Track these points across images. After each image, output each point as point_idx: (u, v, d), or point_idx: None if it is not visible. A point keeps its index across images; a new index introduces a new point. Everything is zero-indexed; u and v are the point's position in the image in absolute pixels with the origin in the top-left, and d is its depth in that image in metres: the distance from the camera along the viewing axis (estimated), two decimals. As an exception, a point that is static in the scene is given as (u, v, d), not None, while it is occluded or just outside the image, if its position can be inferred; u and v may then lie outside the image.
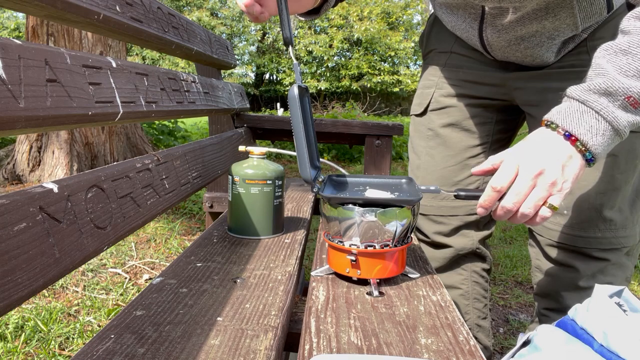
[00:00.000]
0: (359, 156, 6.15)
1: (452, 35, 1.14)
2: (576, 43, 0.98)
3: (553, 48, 0.98)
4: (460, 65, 1.14)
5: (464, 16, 1.03)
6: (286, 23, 0.85)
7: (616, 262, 0.99)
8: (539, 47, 0.98)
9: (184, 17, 1.22)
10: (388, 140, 1.83)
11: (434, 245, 1.23)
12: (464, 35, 1.08)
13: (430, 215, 1.20)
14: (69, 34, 3.71)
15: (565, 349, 0.53)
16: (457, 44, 1.14)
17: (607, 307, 0.53)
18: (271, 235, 1.02)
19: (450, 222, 1.19)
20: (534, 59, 1.01)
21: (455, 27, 1.09)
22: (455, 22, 1.07)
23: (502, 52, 1.03)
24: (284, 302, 0.70)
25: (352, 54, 17.51)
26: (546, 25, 0.93)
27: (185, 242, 2.68)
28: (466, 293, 1.24)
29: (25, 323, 1.67)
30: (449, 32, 1.15)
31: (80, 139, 3.86)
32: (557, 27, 0.93)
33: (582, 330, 0.54)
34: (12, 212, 0.49)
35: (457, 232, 1.20)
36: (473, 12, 1.00)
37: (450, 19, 1.08)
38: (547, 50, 0.99)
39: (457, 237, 1.20)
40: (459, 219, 1.18)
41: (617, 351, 0.49)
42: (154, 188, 0.85)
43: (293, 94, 0.76)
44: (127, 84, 0.79)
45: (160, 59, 15.35)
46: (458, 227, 1.19)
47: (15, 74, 0.51)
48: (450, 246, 1.21)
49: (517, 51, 1.01)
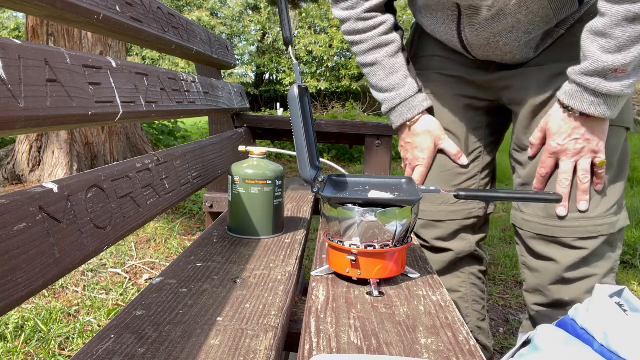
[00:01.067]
0: (359, 156, 6.15)
1: (433, 39, 1.17)
2: (554, 39, 1.02)
3: (531, 43, 1.01)
4: (443, 68, 1.17)
5: (443, 18, 1.05)
6: (286, 23, 0.85)
7: (596, 252, 1.00)
8: (517, 43, 1.01)
9: (184, 17, 1.22)
10: (388, 140, 1.83)
11: (434, 249, 1.24)
12: (444, 38, 1.10)
13: (430, 220, 1.21)
14: (69, 34, 3.71)
15: (566, 349, 0.53)
16: (439, 47, 1.17)
17: (608, 307, 0.53)
18: (271, 235, 1.02)
19: (449, 226, 1.20)
20: (514, 55, 1.04)
21: (435, 30, 1.11)
22: (434, 25, 1.09)
23: (482, 50, 1.05)
24: (284, 302, 0.70)
25: (352, 54, 17.49)
26: (521, 19, 0.96)
27: (185, 242, 2.68)
28: (465, 295, 1.25)
29: (25, 323, 1.67)
30: (431, 37, 1.17)
31: (80, 139, 3.86)
32: (532, 21, 0.96)
33: (582, 330, 0.54)
34: (12, 212, 0.49)
35: (455, 235, 1.21)
36: (450, 13, 1.03)
37: (430, 22, 1.10)
38: (525, 46, 1.02)
39: (456, 240, 1.21)
40: (457, 222, 1.19)
41: (617, 351, 0.49)
42: (154, 188, 0.85)
43: (293, 94, 0.76)
44: (127, 84, 0.79)
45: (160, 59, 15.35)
46: (457, 231, 1.20)
47: (15, 74, 0.51)
48: (449, 250, 1.22)
49: (496, 49, 1.03)
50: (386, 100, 1.14)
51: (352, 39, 1.14)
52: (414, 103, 1.12)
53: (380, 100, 1.16)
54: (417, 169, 1.18)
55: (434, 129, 1.14)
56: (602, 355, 0.50)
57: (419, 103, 1.12)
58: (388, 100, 1.14)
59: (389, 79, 1.12)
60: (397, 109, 1.14)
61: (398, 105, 1.13)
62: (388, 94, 1.13)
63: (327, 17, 17.27)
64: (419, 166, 1.17)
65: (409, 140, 1.18)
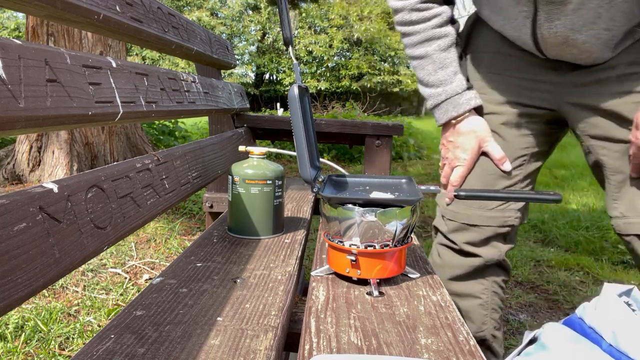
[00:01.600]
0: (359, 156, 6.15)
1: (497, 35, 1.09)
2: (634, 39, 0.96)
3: (610, 42, 0.95)
4: (505, 68, 1.10)
5: (515, 14, 0.98)
6: (286, 23, 0.85)
7: None
8: (596, 40, 0.94)
9: (184, 17, 1.22)
10: (388, 140, 1.83)
11: (462, 253, 1.18)
12: (514, 35, 1.03)
13: (463, 224, 1.15)
14: (69, 34, 3.71)
15: (573, 347, 0.53)
16: (502, 45, 1.09)
17: (616, 306, 0.52)
18: (271, 235, 1.02)
19: (483, 231, 1.14)
20: (591, 54, 0.97)
21: (505, 27, 1.04)
22: (503, 21, 1.03)
23: (558, 49, 0.99)
24: (284, 302, 0.70)
25: (352, 54, 17.52)
26: (602, 13, 0.90)
27: (185, 242, 2.67)
28: (485, 303, 1.21)
29: (25, 323, 1.67)
30: (494, 33, 1.10)
31: (80, 139, 3.86)
32: (613, 17, 0.91)
33: (590, 329, 0.53)
34: (12, 212, 0.49)
35: (487, 242, 1.16)
36: (525, 9, 0.96)
37: (498, 18, 1.04)
38: (605, 44, 0.95)
39: (487, 247, 1.16)
40: (491, 229, 1.14)
41: (626, 351, 0.48)
42: (154, 188, 0.85)
43: (293, 94, 0.76)
44: (127, 84, 0.79)
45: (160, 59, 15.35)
46: (489, 238, 1.15)
47: (15, 74, 0.51)
48: (479, 256, 1.17)
49: (573, 47, 0.97)
50: (432, 96, 1.10)
51: (404, 29, 1.09)
52: (461, 100, 1.07)
53: (426, 96, 1.12)
54: (457, 169, 1.13)
55: (480, 129, 1.09)
56: (610, 355, 0.49)
57: (466, 101, 1.07)
58: (433, 96, 1.09)
59: (437, 73, 1.07)
60: (442, 105, 1.09)
61: (443, 101, 1.08)
62: (434, 90, 1.09)
63: (327, 17, 17.27)
64: (459, 167, 1.12)
65: (451, 139, 1.12)
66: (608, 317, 0.51)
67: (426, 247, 2.86)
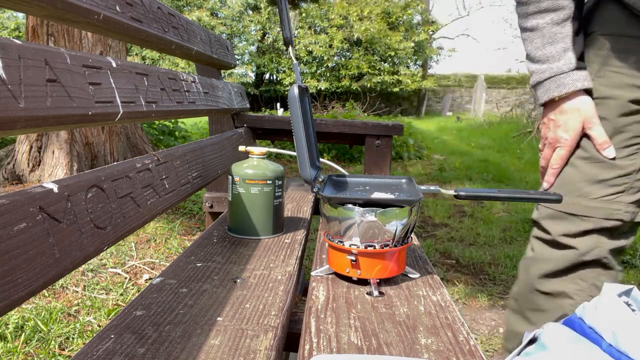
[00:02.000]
0: (359, 156, 6.15)
1: (626, 14, 0.98)
2: None
3: None
4: (628, 50, 0.98)
5: None
6: (286, 23, 0.85)
7: None
8: None
9: (184, 17, 1.22)
10: (388, 140, 1.83)
11: (554, 244, 1.06)
12: None
13: (560, 212, 1.04)
14: (69, 34, 3.71)
15: (573, 347, 0.53)
16: (633, 26, 0.97)
17: (616, 306, 0.52)
18: (271, 235, 1.02)
19: (582, 223, 1.02)
20: None
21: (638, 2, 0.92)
22: None
23: None
24: (284, 302, 0.70)
25: (352, 54, 17.51)
26: None
27: (185, 242, 2.68)
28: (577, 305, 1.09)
29: (25, 323, 1.67)
30: (621, 12, 0.99)
31: (80, 139, 3.86)
32: None
33: (590, 329, 0.53)
34: (12, 212, 0.49)
35: (586, 234, 1.02)
36: None
37: None
38: None
39: (585, 239, 1.03)
40: (593, 221, 1.01)
41: (626, 351, 0.48)
42: (154, 188, 0.85)
43: (293, 94, 0.76)
44: (127, 84, 0.79)
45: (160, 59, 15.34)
46: (590, 230, 1.02)
47: (15, 74, 0.51)
48: (573, 247, 1.03)
49: None
50: (535, 73, 1.02)
51: None
52: (566, 80, 0.98)
53: (530, 71, 1.03)
54: (558, 150, 1.03)
55: (586, 109, 0.99)
56: (610, 355, 0.49)
57: (572, 82, 0.98)
58: (537, 72, 1.01)
59: (545, 48, 0.99)
60: (545, 83, 1.01)
61: (546, 79, 1.00)
62: (539, 66, 1.01)
63: (327, 17, 17.27)
64: (560, 148, 1.03)
65: (553, 117, 1.03)
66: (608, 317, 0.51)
67: (426, 247, 2.87)
